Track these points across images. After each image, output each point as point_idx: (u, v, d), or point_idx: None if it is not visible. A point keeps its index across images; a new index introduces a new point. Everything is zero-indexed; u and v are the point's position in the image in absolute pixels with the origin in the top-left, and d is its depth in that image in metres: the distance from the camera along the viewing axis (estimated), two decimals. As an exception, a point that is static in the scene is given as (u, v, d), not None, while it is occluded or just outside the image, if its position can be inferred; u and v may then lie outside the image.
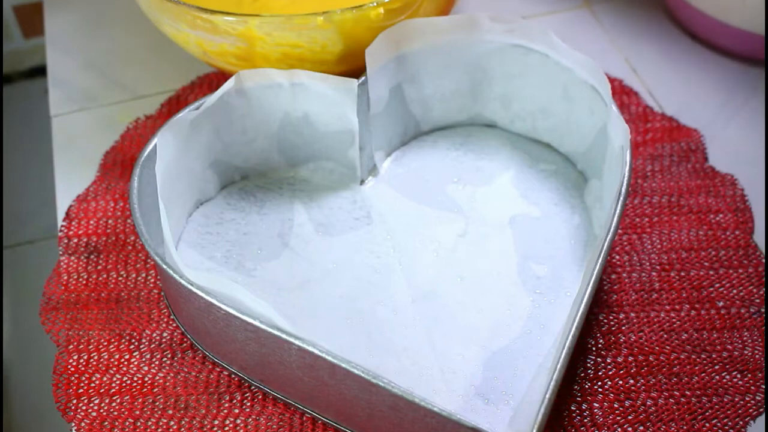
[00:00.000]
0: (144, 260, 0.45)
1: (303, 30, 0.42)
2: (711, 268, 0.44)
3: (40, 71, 1.03)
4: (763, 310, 0.42)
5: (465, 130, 0.50)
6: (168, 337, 0.42)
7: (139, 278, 0.44)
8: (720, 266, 0.44)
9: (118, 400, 0.39)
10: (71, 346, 0.41)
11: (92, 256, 0.45)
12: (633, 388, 0.39)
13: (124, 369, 0.40)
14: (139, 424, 0.38)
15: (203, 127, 0.42)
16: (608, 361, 0.40)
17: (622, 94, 0.53)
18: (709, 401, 0.39)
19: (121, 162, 0.50)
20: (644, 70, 0.55)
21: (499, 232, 0.45)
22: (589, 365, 0.40)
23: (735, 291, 0.43)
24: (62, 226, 0.46)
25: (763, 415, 0.39)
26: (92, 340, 0.41)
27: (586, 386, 0.40)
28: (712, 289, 0.43)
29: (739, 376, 0.40)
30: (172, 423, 0.38)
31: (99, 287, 0.44)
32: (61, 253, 0.45)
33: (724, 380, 0.40)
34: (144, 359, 0.41)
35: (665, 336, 0.41)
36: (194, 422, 0.39)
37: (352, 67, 0.46)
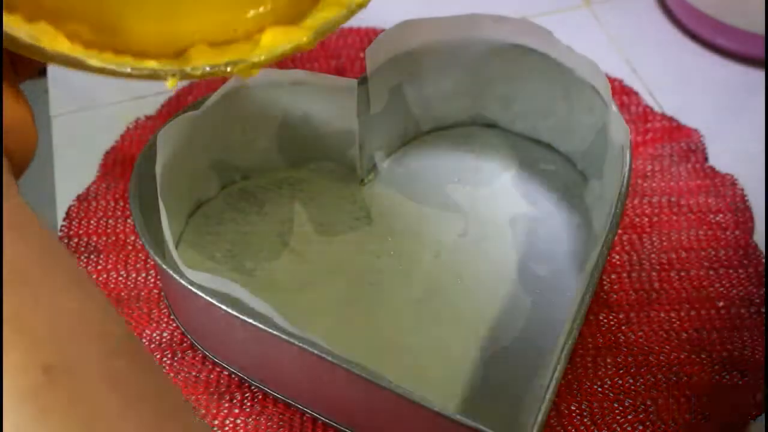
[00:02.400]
0: (144, 260, 0.45)
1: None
2: (711, 268, 0.44)
3: (40, 71, 1.02)
4: (763, 310, 0.42)
5: (465, 130, 0.50)
6: (168, 337, 0.42)
7: (139, 278, 0.44)
8: (720, 266, 0.44)
9: (118, 400, 0.39)
10: (71, 346, 0.41)
11: (92, 256, 0.45)
12: (633, 388, 0.39)
13: (124, 369, 0.40)
14: (139, 424, 0.38)
15: (203, 127, 0.42)
16: (608, 361, 0.40)
17: (622, 94, 0.53)
18: (709, 401, 0.39)
19: (121, 162, 0.49)
20: (644, 70, 0.55)
21: (499, 232, 0.45)
22: (589, 365, 0.40)
23: (735, 291, 0.43)
24: (62, 226, 0.46)
25: (763, 415, 0.39)
26: (92, 340, 0.41)
27: (586, 386, 0.40)
28: (712, 289, 0.43)
29: (739, 376, 0.40)
30: (172, 423, 0.38)
31: (99, 287, 0.44)
32: (61, 253, 0.45)
33: (724, 380, 0.40)
34: (144, 359, 0.41)
35: (665, 336, 0.41)
36: (194, 422, 0.38)
37: None
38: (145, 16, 0.30)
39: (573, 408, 0.39)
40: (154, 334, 0.42)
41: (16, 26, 0.26)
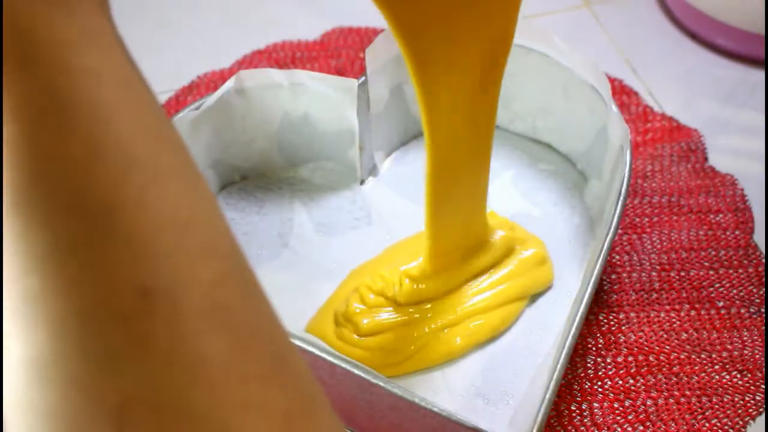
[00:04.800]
0: (144, 260, 0.45)
1: None
2: (711, 268, 0.44)
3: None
4: (763, 310, 0.42)
5: (465, 130, 0.50)
6: (168, 337, 0.41)
7: (139, 278, 0.44)
8: (720, 266, 0.44)
9: (118, 400, 0.39)
10: (71, 346, 0.41)
11: (92, 256, 0.45)
12: (633, 388, 0.39)
13: (124, 369, 0.40)
14: (139, 424, 0.38)
15: (203, 127, 0.42)
16: (608, 361, 0.40)
17: (622, 94, 0.53)
18: (709, 401, 0.39)
19: (121, 162, 0.49)
20: (644, 70, 0.55)
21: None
22: (589, 365, 0.40)
23: (735, 291, 0.43)
24: (62, 226, 0.46)
25: (763, 415, 0.39)
26: (92, 340, 0.41)
27: (586, 386, 0.40)
28: (712, 289, 0.43)
29: (739, 376, 0.40)
30: (172, 423, 0.38)
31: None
32: (61, 253, 0.45)
33: (724, 380, 0.40)
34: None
35: (665, 336, 0.41)
36: (194, 422, 0.38)
37: None
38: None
39: (573, 408, 0.39)
40: (154, 334, 0.42)
41: None
